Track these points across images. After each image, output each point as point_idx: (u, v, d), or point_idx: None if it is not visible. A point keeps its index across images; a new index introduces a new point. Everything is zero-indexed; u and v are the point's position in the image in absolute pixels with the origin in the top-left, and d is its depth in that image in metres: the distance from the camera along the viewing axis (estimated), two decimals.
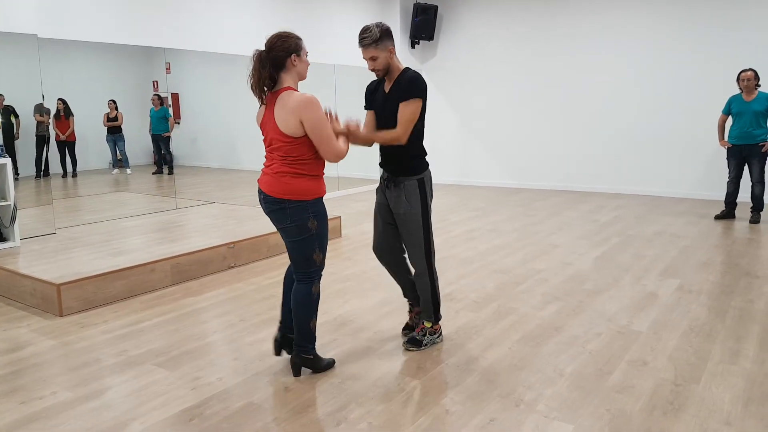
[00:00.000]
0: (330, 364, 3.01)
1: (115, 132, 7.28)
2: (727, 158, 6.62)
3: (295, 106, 2.60)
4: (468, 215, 7.21)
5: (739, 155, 6.48)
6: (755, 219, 6.45)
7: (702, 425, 2.43)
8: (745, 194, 7.26)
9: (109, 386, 2.86)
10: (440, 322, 3.48)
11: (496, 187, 9.77)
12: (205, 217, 6.14)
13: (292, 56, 2.68)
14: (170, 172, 7.78)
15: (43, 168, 6.06)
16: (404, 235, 3.15)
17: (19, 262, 4.44)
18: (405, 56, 9.86)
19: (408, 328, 3.44)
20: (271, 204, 2.75)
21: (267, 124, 2.73)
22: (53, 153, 6.56)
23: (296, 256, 2.82)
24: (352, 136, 2.92)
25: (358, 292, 4.28)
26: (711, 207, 7.46)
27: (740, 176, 6.56)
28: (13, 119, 5.30)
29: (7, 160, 4.89)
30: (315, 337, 2.91)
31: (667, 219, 6.78)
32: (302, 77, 2.78)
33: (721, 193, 7.64)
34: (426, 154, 3.13)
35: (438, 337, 3.31)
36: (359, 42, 2.95)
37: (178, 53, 6.85)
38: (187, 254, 4.61)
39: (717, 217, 6.73)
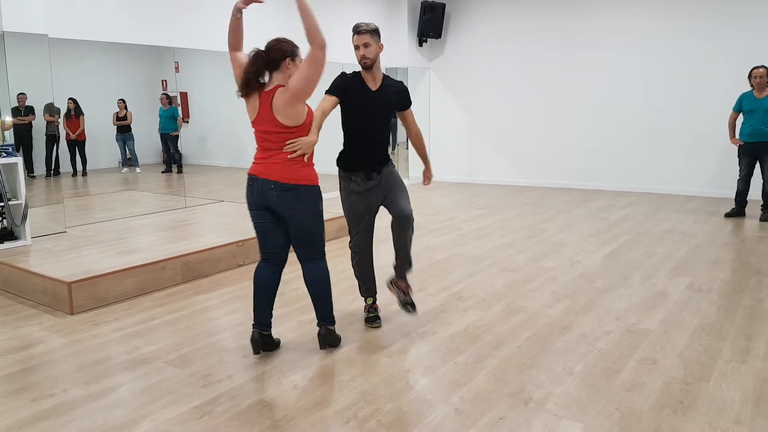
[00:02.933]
0: (340, 339, 3.31)
1: (124, 131, 7.33)
2: (738, 156, 6.57)
3: (286, 97, 2.82)
4: (476, 213, 7.20)
5: (751, 153, 6.43)
6: (766, 217, 6.40)
7: (712, 424, 2.42)
8: (755, 192, 7.20)
9: (120, 383, 2.88)
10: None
11: (504, 185, 9.75)
12: (215, 216, 6.16)
13: (287, 60, 2.87)
14: (179, 171, 7.82)
15: (53, 167, 6.11)
16: (403, 194, 3.41)
17: (31, 261, 4.47)
18: (413, 54, 9.85)
19: (377, 319, 3.62)
20: (284, 191, 2.92)
21: (263, 118, 2.90)
22: (63, 152, 6.61)
23: (309, 238, 3.04)
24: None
25: None
26: (721, 205, 7.41)
27: (751, 174, 6.52)
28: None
29: (18, 159, 4.93)
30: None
31: (676, 217, 6.75)
32: None
33: (730, 191, 7.58)
34: None
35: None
36: (356, 29, 3.20)
37: (187, 53, 6.88)
38: (197, 252, 4.64)
39: (727, 215, 6.69)
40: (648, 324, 3.53)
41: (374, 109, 3.28)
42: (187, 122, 7.94)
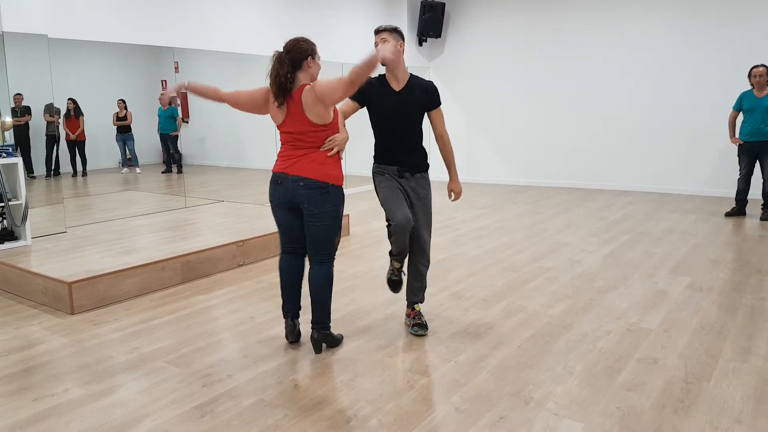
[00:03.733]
0: (341, 339, 3.31)
1: (124, 131, 7.32)
2: (738, 155, 6.57)
3: (312, 99, 2.90)
4: (476, 213, 7.20)
5: (751, 152, 6.43)
6: (766, 216, 6.40)
7: (713, 423, 2.42)
8: (756, 191, 7.20)
9: (121, 383, 2.88)
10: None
11: (503, 184, 9.75)
12: (215, 216, 6.16)
13: (308, 58, 2.96)
14: (179, 171, 7.82)
15: (53, 167, 6.10)
16: (424, 217, 3.41)
17: (31, 261, 4.47)
18: (412, 54, 9.85)
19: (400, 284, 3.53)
20: (313, 189, 2.96)
21: (293, 119, 2.96)
22: (63, 152, 6.60)
23: (324, 239, 3.05)
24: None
25: (367, 289, 4.28)
26: (721, 204, 7.41)
27: (751, 173, 6.52)
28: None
29: (18, 159, 4.93)
30: (330, 314, 3.19)
31: (676, 216, 6.75)
32: (314, 79, 3.03)
33: (730, 190, 7.59)
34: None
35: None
36: (376, 30, 3.24)
37: (187, 52, 6.87)
38: (197, 252, 4.64)
39: (727, 215, 6.69)
40: (648, 323, 3.53)
41: (398, 110, 3.25)
42: (187, 122, 7.94)
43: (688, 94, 8.14)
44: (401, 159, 3.32)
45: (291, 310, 3.26)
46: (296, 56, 2.93)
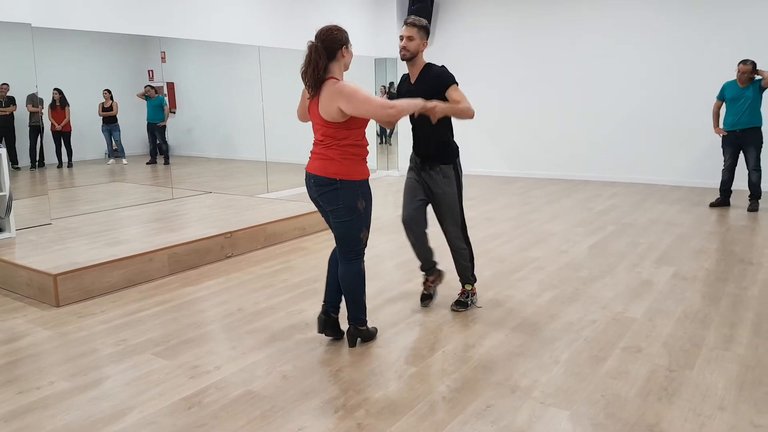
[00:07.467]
0: (375, 333, 3.25)
1: (110, 122, 7.24)
2: (722, 146, 6.62)
3: (330, 95, 2.76)
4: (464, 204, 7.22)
5: (735, 143, 6.48)
6: (754, 207, 6.45)
7: (696, 410, 2.45)
8: (739, 182, 7.27)
9: (108, 376, 2.87)
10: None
11: (492, 175, 9.78)
12: (202, 207, 6.13)
13: (342, 48, 2.84)
14: (166, 162, 7.76)
15: (37, 158, 6.04)
16: (449, 218, 3.58)
17: (15, 253, 4.43)
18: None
19: (427, 298, 3.79)
20: (323, 186, 2.87)
21: (313, 112, 2.88)
22: (48, 143, 6.53)
23: (344, 235, 2.95)
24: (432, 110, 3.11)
25: None
26: (706, 195, 7.48)
27: (735, 164, 6.57)
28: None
29: (2, 151, 4.87)
30: (366, 309, 3.11)
31: (661, 207, 6.80)
32: (347, 68, 2.94)
33: (715, 181, 7.65)
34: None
35: (476, 296, 3.75)
36: (407, 20, 3.33)
37: (174, 42, 6.81)
38: (184, 244, 4.62)
39: (712, 205, 6.75)
40: (633, 312, 3.57)
41: (411, 98, 3.15)
42: (174, 113, 7.87)
43: (675, 87, 8.19)
44: (421, 154, 3.47)
45: (326, 302, 3.18)
46: (332, 46, 2.79)
